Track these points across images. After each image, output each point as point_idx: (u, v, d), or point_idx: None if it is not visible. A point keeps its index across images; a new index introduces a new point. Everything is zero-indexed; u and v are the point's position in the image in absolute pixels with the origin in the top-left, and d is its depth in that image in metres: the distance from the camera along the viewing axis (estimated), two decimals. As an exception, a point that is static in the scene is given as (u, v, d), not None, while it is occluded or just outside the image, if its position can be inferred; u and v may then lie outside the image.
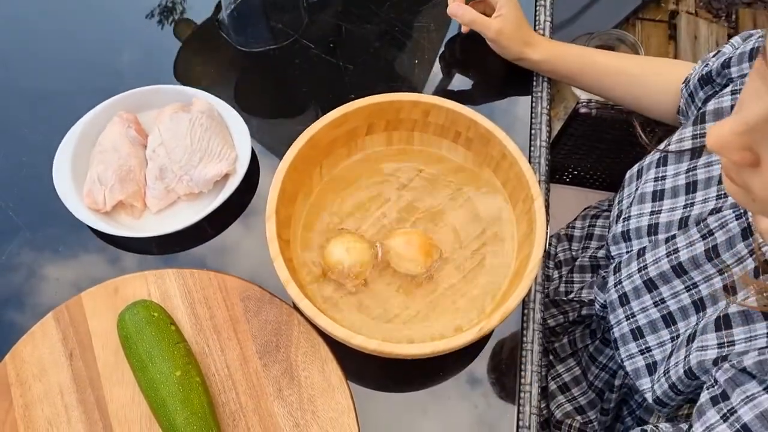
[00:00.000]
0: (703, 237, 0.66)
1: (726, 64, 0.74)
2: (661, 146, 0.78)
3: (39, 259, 0.85)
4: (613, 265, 0.78)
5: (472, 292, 0.77)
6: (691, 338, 0.66)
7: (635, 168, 0.81)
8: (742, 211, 0.63)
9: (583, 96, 1.48)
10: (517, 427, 0.76)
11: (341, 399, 0.74)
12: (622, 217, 0.78)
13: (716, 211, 0.67)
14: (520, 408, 0.77)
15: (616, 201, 0.82)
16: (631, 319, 0.74)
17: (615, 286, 0.76)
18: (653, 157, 0.78)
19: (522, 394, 0.78)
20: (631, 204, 0.78)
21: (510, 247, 0.79)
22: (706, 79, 0.78)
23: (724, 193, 0.67)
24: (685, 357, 0.65)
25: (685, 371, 0.64)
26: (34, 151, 0.90)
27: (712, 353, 0.61)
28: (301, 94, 0.97)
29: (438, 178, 0.83)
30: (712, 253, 0.65)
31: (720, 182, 0.69)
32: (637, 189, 0.78)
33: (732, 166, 0.46)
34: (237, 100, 0.92)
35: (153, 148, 0.86)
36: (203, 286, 0.79)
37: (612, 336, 0.77)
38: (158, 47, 1.02)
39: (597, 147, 1.17)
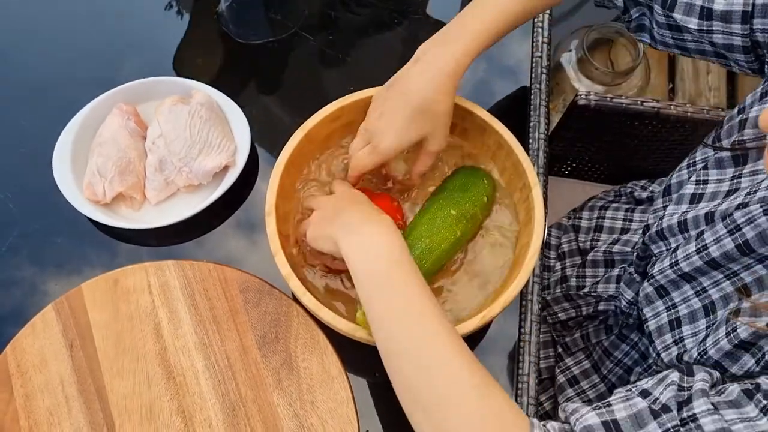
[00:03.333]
0: (730, 232, 0.64)
1: None
2: (696, 156, 0.74)
3: (39, 250, 0.85)
4: (651, 263, 0.77)
5: (472, 282, 0.77)
6: (732, 316, 0.64)
7: (677, 178, 0.77)
8: None
9: (582, 88, 1.48)
10: (515, 417, 0.76)
11: (340, 389, 0.74)
12: (659, 216, 0.77)
13: (743, 206, 0.65)
14: (518, 399, 0.78)
15: (660, 204, 0.80)
16: (672, 310, 0.72)
17: (648, 280, 0.75)
18: (701, 159, 0.75)
19: (520, 385, 0.78)
20: (669, 205, 0.76)
21: (508, 236, 0.79)
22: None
23: (753, 190, 0.66)
24: (728, 334, 0.63)
25: (734, 345, 0.62)
26: (34, 143, 0.90)
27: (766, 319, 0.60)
28: (300, 86, 0.97)
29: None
30: (744, 248, 0.64)
31: (750, 176, 0.67)
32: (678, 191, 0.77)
33: None
34: (236, 92, 0.92)
35: (152, 140, 0.86)
36: (203, 277, 0.79)
37: (646, 329, 0.76)
38: (158, 39, 1.01)
39: (595, 140, 1.17)
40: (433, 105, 0.71)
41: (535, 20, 1.01)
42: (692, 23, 0.68)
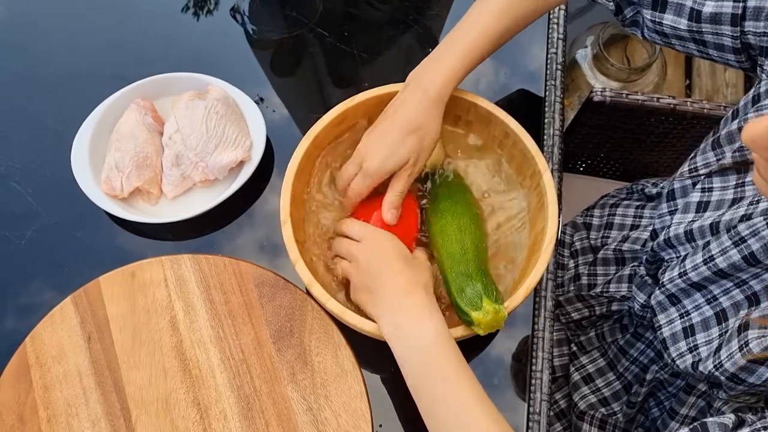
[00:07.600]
0: (735, 244, 0.65)
1: None
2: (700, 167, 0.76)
3: (57, 243, 0.86)
4: (662, 269, 0.78)
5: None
6: (742, 328, 0.65)
7: (679, 183, 0.78)
8: None
9: (598, 85, 1.48)
10: (528, 413, 0.77)
11: (354, 384, 0.74)
12: (665, 223, 0.77)
13: (746, 218, 0.66)
14: (531, 395, 0.78)
15: (666, 210, 0.80)
16: (686, 317, 0.73)
17: (659, 288, 0.75)
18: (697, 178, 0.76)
19: (533, 381, 0.78)
20: (675, 213, 0.77)
21: (522, 224, 0.79)
22: None
23: (756, 200, 0.66)
24: (741, 348, 0.64)
25: (749, 361, 0.64)
26: (53, 138, 0.91)
27: None
28: (315, 82, 0.98)
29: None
30: (750, 259, 0.64)
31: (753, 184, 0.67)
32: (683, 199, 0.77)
33: (762, 161, 0.47)
34: (252, 87, 0.93)
35: (169, 135, 0.86)
36: (218, 271, 0.80)
37: (660, 335, 0.76)
38: (175, 35, 1.02)
39: (611, 136, 1.17)
40: (420, 127, 0.72)
41: (551, 17, 1.00)
42: (682, 24, 0.69)
